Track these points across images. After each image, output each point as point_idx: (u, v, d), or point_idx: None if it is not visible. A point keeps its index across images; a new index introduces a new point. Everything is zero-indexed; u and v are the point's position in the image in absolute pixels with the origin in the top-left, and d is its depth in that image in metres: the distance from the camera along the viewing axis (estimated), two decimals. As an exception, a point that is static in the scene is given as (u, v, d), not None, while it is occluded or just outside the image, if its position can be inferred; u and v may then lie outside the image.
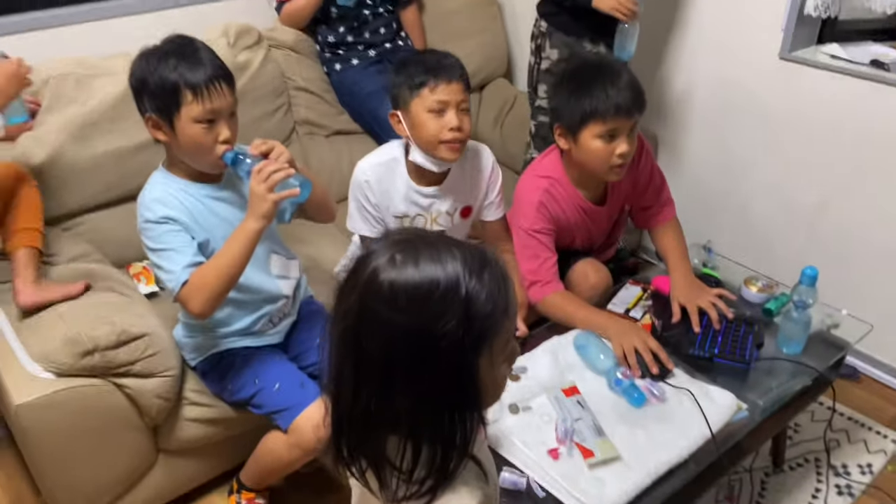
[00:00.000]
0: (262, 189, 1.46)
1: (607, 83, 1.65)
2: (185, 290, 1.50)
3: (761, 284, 1.85)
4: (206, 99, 1.47)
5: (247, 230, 1.50)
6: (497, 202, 1.95)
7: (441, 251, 0.81)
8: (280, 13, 2.43)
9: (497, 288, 0.81)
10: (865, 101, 2.06)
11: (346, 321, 0.83)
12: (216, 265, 1.52)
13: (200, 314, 1.53)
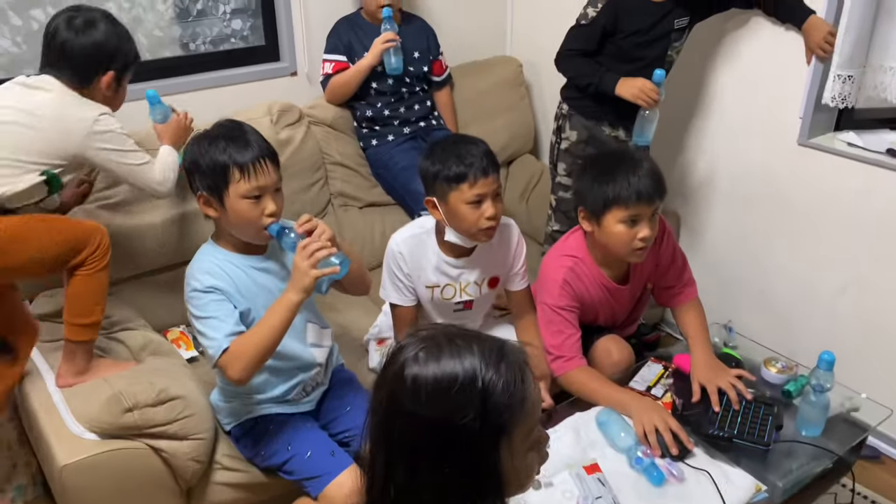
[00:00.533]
0: (305, 265, 1.55)
1: (629, 171, 1.74)
2: (225, 357, 1.59)
3: (781, 366, 1.89)
4: (252, 176, 1.59)
5: (287, 302, 1.59)
6: (522, 273, 2.03)
7: (461, 347, 0.88)
8: (326, 87, 2.57)
9: (514, 379, 0.87)
10: (882, 188, 2.12)
11: (378, 413, 0.90)
12: (256, 334, 1.60)
13: (238, 381, 1.61)
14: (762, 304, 2.51)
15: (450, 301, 1.97)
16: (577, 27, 2.23)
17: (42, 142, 1.77)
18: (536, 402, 0.91)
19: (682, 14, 2.20)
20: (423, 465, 0.87)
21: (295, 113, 2.47)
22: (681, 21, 2.20)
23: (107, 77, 1.85)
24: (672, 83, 2.33)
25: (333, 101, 2.58)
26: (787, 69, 2.24)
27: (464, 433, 0.85)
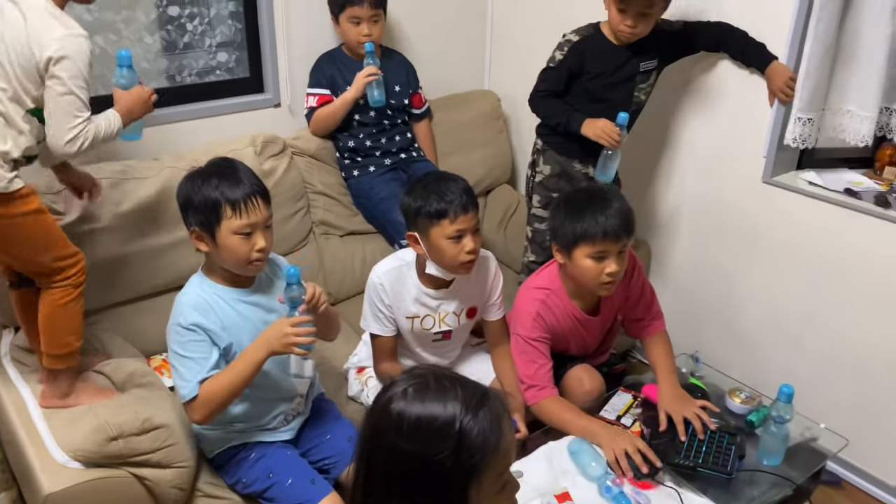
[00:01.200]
0: (291, 338, 1.63)
1: (598, 210, 1.83)
2: (195, 402, 1.67)
3: (744, 396, 1.97)
4: (244, 213, 1.65)
5: (255, 358, 1.67)
6: (498, 304, 2.10)
7: (447, 389, 0.95)
8: (310, 120, 2.63)
9: (491, 426, 0.94)
10: (840, 226, 2.22)
11: (364, 439, 0.97)
12: (223, 382, 1.68)
13: (199, 423, 1.72)
14: (728, 334, 2.60)
15: (429, 331, 2.03)
16: (546, 69, 2.33)
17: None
18: (510, 450, 0.98)
19: (648, 58, 2.29)
20: (396, 493, 0.94)
21: (279, 144, 2.52)
22: (647, 64, 2.29)
23: None
24: (644, 121, 2.44)
25: (318, 133, 2.64)
26: (751, 111, 2.35)
27: (437, 469, 0.91)
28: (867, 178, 2.33)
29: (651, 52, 2.27)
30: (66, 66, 1.68)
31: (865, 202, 2.18)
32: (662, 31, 2.27)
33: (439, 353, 2.11)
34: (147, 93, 1.91)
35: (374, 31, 2.56)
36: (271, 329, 1.67)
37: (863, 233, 2.18)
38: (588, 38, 2.26)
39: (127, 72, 1.89)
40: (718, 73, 2.41)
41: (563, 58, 2.27)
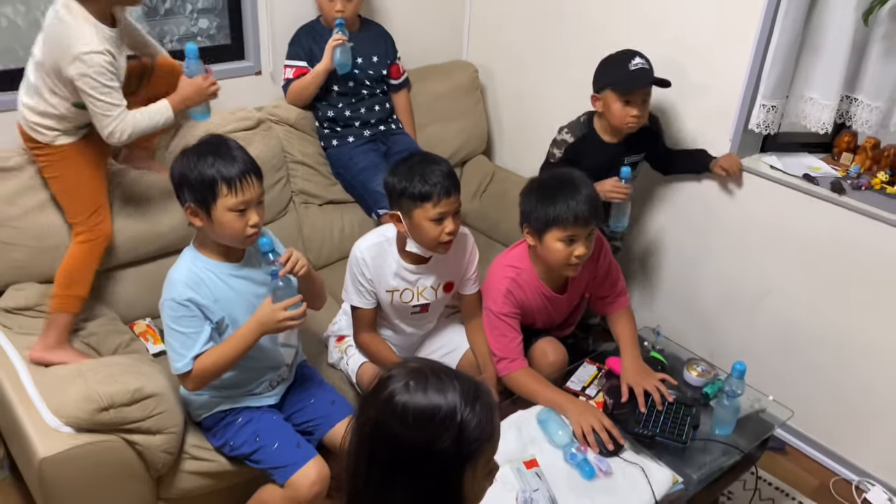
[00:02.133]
0: (280, 315, 1.72)
1: (569, 196, 1.92)
2: (188, 375, 1.76)
3: (701, 370, 2.11)
4: (239, 191, 1.71)
5: (247, 338, 1.76)
6: (474, 278, 2.20)
7: (445, 382, 1.04)
8: (287, 92, 2.66)
9: (486, 418, 1.04)
10: (797, 209, 2.35)
11: (365, 429, 1.05)
12: (215, 360, 1.77)
13: (192, 391, 1.83)
14: (688, 310, 2.74)
15: (408, 304, 2.13)
16: (547, 164, 2.48)
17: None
18: (498, 437, 1.08)
19: (635, 152, 2.46)
20: (398, 478, 1.02)
21: (252, 119, 2.53)
22: (632, 158, 2.46)
23: None
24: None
25: (295, 103, 2.66)
26: (721, 96, 2.44)
27: (439, 456, 1.01)
28: (825, 164, 2.45)
29: (637, 148, 2.46)
30: (86, 83, 1.87)
31: (822, 188, 2.31)
32: (654, 134, 2.48)
33: (417, 324, 2.21)
34: (206, 83, 2.06)
35: (348, 7, 2.58)
36: (263, 311, 1.75)
37: (818, 217, 2.31)
38: (583, 138, 2.42)
39: (192, 63, 2.05)
40: (686, 59, 2.49)
41: (561, 156, 2.44)
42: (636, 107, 2.29)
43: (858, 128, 2.37)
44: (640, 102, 2.30)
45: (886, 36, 2.21)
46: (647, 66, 2.29)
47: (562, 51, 2.86)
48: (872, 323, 2.27)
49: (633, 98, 2.28)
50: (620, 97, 2.29)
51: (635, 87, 2.28)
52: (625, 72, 2.28)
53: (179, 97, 2.04)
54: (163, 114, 2.00)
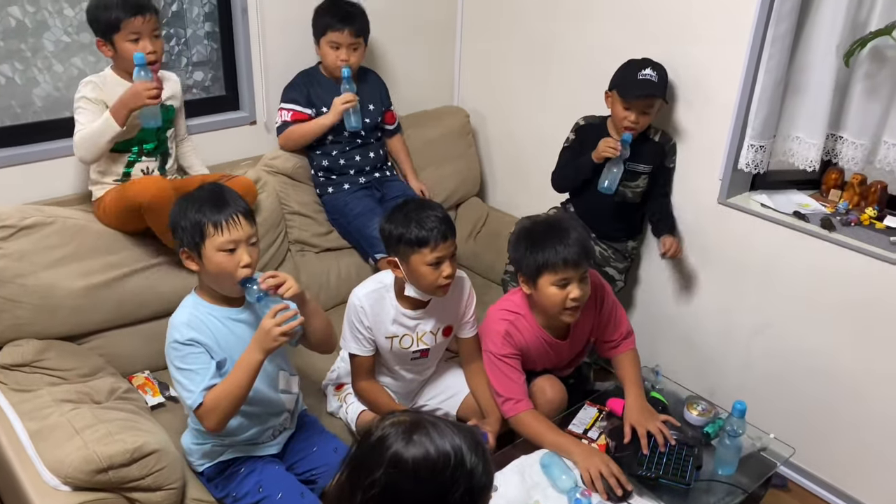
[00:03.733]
0: (276, 331, 1.70)
1: (557, 240, 1.94)
2: (201, 410, 1.74)
3: (701, 409, 2.12)
4: (225, 230, 1.74)
5: (250, 361, 1.74)
6: (472, 322, 2.21)
7: (445, 430, 1.03)
8: (281, 133, 2.68)
9: (487, 462, 1.04)
10: (789, 246, 2.38)
11: (371, 490, 1.02)
12: (225, 390, 1.75)
13: (214, 430, 1.78)
14: (686, 347, 2.75)
15: (407, 350, 2.13)
16: (563, 150, 2.63)
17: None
18: (493, 480, 1.08)
19: (636, 161, 2.50)
20: None
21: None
22: (633, 165, 2.51)
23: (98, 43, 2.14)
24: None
25: (286, 147, 2.69)
26: (709, 136, 2.49)
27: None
28: (814, 200, 2.49)
29: (640, 157, 2.50)
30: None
31: (812, 224, 2.34)
32: (662, 150, 2.54)
33: (417, 370, 2.21)
34: (142, 87, 2.06)
35: (353, 57, 2.63)
36: (257, 332, 1.75)
37: (809, 253, 2.34)
38: (592, 125, 2.55)
39: (138, 71, 2.08)
40: (676, 100, 2.55)
41: (573, 137, 2.60)
42: (634, 112, 2.39)
43: (845, 165, 2.41)
44: (640, 110, 2.39)
45: (867, 76, 2.27)
46: (653, 79, 2.37)
47: (551, 93, 2.92)
48: (868, 357, 2.28)
49: (634, 104, 2.38)
50: (622, 101, 2.40)
51: (632, 93, 2.38)
52: (632, 78, 2.39)
53: (118, 102, 2.08)
54: (106, 123, 2.07)
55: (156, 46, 2.15)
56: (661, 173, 2.58)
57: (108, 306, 2.23)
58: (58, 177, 2.36)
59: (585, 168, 2.50)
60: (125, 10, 2.08)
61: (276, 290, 1.76)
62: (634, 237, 2.70)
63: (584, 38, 2.77)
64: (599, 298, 2.14)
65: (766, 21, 2.23)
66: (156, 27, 2.15)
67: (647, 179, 2.56)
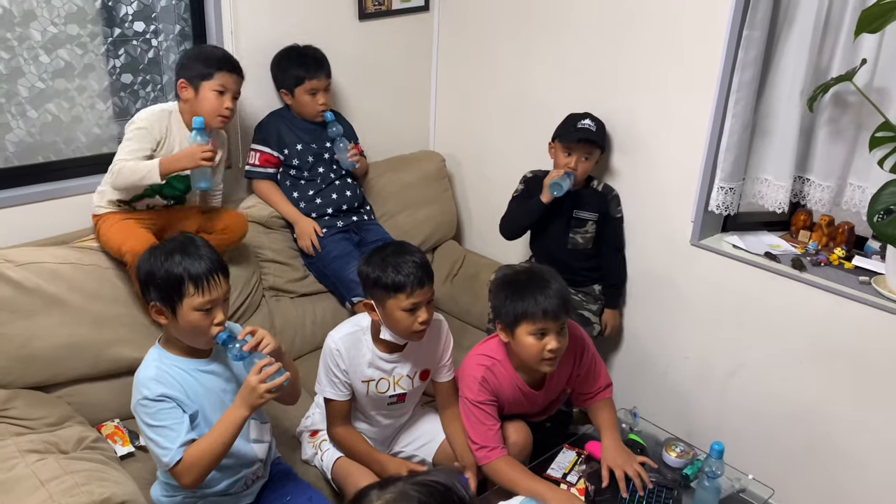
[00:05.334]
0: (262, 388, 1.68)
1: (536, 290, 1.93)
2: (179, 467, 1.69)
3: (679, 451, 2.11)
4: (206, 290, 1.70)
5: (237, 418, 1.70)
6: (448, 365, 2.19)
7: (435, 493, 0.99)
8: (253, 180, 2.72)
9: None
10: (761, 287, 2.41)
11: None
12: (207, 446, 1.70)
13: (190, 487, 1.73)
14: (663, 388, 2.75)
15: (384, 394, 2.10)
16: (512, 199, 2.75)
17: None
18: None
19: (583, 208, 2.65)
20: None
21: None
22: (581, 213, 2.66)
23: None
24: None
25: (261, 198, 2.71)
26: (680, 179, 2.53)
27: None
28: (785, 241, 2.53)
29: (588, 205, 2.65)
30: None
31: (783, 265, 2.38)
32: (605, 199, 2.67)
33: (393, 415, 2.19)
34: (198, 149, 2.15)
35: (328, 99, 2.68)
36: (242, 389, 1.71)
37: (781, 293, 2.37)
38: (538, 177, 2.66)
39: (196, 134, 2.19)
40: (646, 145, 2.60)
41: (522, 187, 2.74)
42: (573, 159, 2.54)
43: (812, 206, 2.46)
44: (580, 157, 2.54)
45: (831, 120, 2.33)
46: (591, 128, 2.55)
47: (525, 137, 2.96)
48: (840, 396, 2.30)
49: (574, 152, 2.54)
50: (563, 148, 2.55)
51: (572, 137, 2.54)
52: (572, 127, 2.56)
53: (171, 158, 2.16)
54: (151, 171, 2.12)
55: (233, 106, 2.31)
56: (608, 224, 2.69)
57: (87, 359, 2.19)
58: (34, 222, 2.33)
59: (534, 210, 2.59)
60: (225, 65, 2.28)
61: (257, 349, 1.74)
62: (598, 281, 2.76)
63: (553, 86, 2.83)
64: (579, 350, 2.13)
65: (731, 68, 2.30)
66: (238, 91, 2.34)
67: (594, 226, 2.68)
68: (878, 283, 2.22)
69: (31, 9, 2.25)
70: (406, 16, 3.09)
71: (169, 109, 2.28)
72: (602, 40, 2.64)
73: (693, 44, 2.39)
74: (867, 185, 2.32)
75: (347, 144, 2.71)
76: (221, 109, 2.28)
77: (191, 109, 2.28)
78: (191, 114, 2.26)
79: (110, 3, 2.42)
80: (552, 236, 2.70)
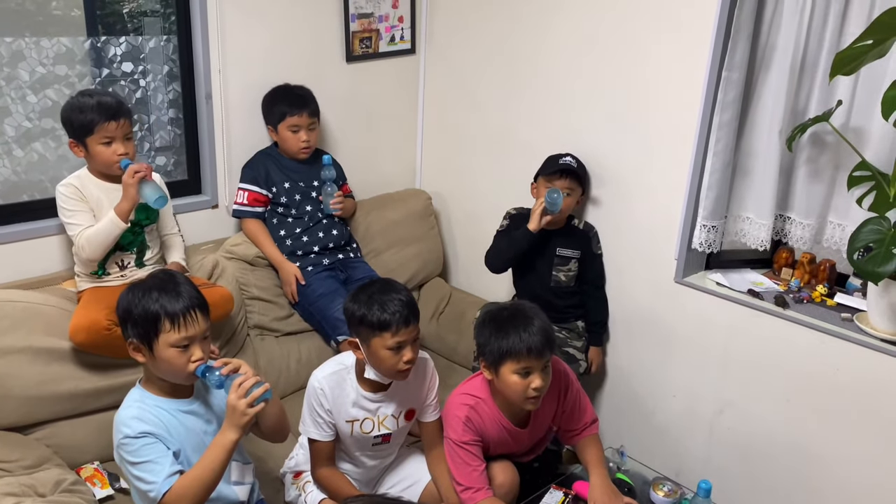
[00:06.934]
0: (242, 404, 1.65)
1: (521, 328, 1.92)
2: (168, 498, 1.64)
3: (667, 489, 2.09)
4: (182, 327, 1.69)
5: (227, 442, 1.67)
6: (434, 405, 2.17)
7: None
8: (242, 219, 2.72)
9: None
10: (745, 324, 2.42)
11: None
12: (196, 475, 1.67)
13: None
14: (650, 426, 2.74)
15: (369, 435, 2.08)
16: (496, 234, 2.77)
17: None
18: None
19: (566, 246, 2.69)
20: None
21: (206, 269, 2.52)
22: (564, 251, 2.69)
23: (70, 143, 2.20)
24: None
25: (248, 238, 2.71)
26: (663, 217, 2.56)
27: None
28: (767, 279, 2.55)
29: (570, 243, 2.70)
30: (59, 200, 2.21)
31: (766, 302, 2.39)
32: (587, 236, 2.72)
33: (378, 456, 2.16)
34: (127, 175, 2.14)
35: (312, 137, 2.70)
36: (227, 413, 1.68)
37: (765, 330, 2.38)
38: (523, 215, 2.68)
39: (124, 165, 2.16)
40: (632, 185, 2.64)
41: (507, 223, 2.76)
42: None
43: (794, 244, 2.49)
44: (563, 193, 2.56)
45: (809, 160, 2.38)
46: (573, 164, 2.62)
47: (509, 176, 2.99)
48: (826, 432, 2.30)
49: (558, 185, 2.59)
50: (546, 184, 2.60)
51: (554, 172, 2.61)
52: (554, 163, 2.64)
53: (120, 203, 2.16)
54: (112, 223, 2.16)
55: (128, 148, 2.21)
56: (590, 261, 2.73)
57: (62, 397, 2.16)
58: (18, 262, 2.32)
59: (521, 240, 2.61)
60: (100, 113, 2.13)
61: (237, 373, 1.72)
62: (581, 318, 2.78)
63: (538, 126, 2.87)
64: (564, 386, 2.12)
65: (711, 109, 2.34)
66: (128, 131, 2.21)
67: (577, 264, 2.71)
68: (860, 319, 2.24)
69: (19, 49, 2.27)
70: (393, 58, 3.14)
71: (78, 175, 2.23)
72: (582, 82, 2.70)
73: (674, 84, 2.44)
74: (847, 223, 2.35)
75: (335, 190, 2.73)
76: (115, 158, 2.17)
77: (94, 166, 2.22)
78: (97, 169, 2.22)
79: (99, 45, 2.44)
80: (536, 274, 2.71)
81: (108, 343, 2.09)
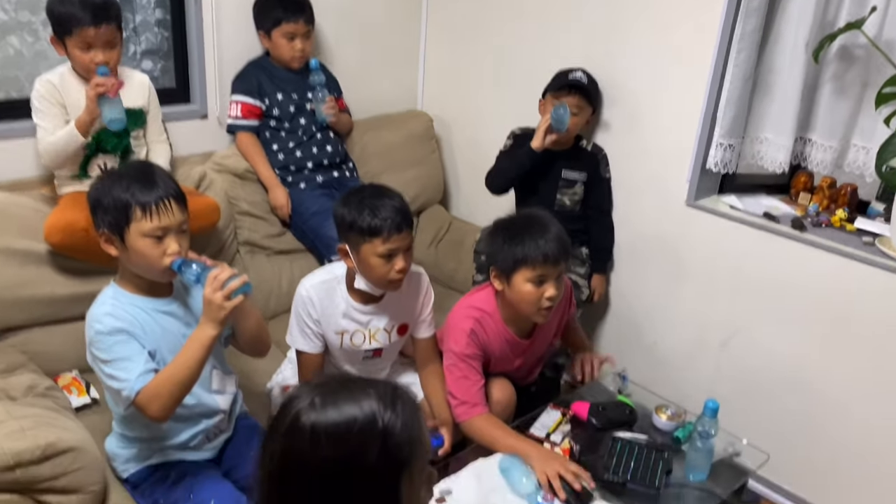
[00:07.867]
0: (219, 296, 1.54)
1: (537, 234, 1.84)
2: (142, 397, 1.55)
3: (670, 413, 1.99)
4: (154, 216, 1.57)
5: (204, 337, 1.57)
6: (429, 321, 2.07)
7: (356, 390, 0.90)
8: (234, 134, 2.59)
9: (411, 417, 0.91)
10: (759, 248, 2.30)
11: (272, 464, 0.89)
12: (172, 372, 1.57)
13: (158, 419, 1.58)
14: (655, 353, 2.65)
15: (359, 348, 1.98)
16: (499, 154, 2.64)
17: None
18: (428, 439, 0.95)
19: (572, 168, 2.55)
20: None
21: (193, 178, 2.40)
22: (569, 173, 2.55)
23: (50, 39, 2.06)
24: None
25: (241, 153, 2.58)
26: (676, 136, 2.42)
27: (367, 472, 0.86)
28: (784, 204, 2.43)
29: (577, 165, 2.55)
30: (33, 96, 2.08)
31: (783, 225, 2.27)
32: (595, 159, 2.57)
33: (369, 371, 2.06)
34: (90, 86, 1.99)
35: (307, 46, 2.56)
36: (203, 307, 1.58)
37: (780, 254, 2.26)
38: (527, 135, 2.52)
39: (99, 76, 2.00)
40: (642, 99, 2.49)
41: (511, 143, 2.63)
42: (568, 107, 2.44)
43: (814, 168, 2.36)
44: (571, 111, 2.42)
45: (835, 76, 2.23)
46: (583, 80, 2.46)
47: (517, 101, 2.83)
48: (841, 360, 2.20)
49: (566, 101, 2.42)
50: (554, 99, 2.46)
51: (563, 87, 2.46)
52: (563, 79, 2.48)
53: (82, 114, 2.02)
54: (70, 135, 2.02)
55: (109, 57, 2.05)
56: (596, 184, 2.60)
57: (38, 301, 2.06)
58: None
59: (525, 159, 2.49)
60: (83, 11, 1.97)
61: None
62: (585, 244, 2.66)
63: (547, 46, 2.72)
64: (568, 300, 2.06)
65: (734, 16, 2.19)
66: (112, 37, 2.04)
67: (582, 188, 2.58)
68: (882, 243, 2.12)
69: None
70: (395, -36, 2.96)
71: (60, 72, 2.09)
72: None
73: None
74: (871, 146, 2.21)
75: (326, 95, 2.59)
76: (91, 66, 2.02)
77: (75, 65, 2.09)
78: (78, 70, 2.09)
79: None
80: (539, 198, 2.58)
81: (86, 246, 1.97)
